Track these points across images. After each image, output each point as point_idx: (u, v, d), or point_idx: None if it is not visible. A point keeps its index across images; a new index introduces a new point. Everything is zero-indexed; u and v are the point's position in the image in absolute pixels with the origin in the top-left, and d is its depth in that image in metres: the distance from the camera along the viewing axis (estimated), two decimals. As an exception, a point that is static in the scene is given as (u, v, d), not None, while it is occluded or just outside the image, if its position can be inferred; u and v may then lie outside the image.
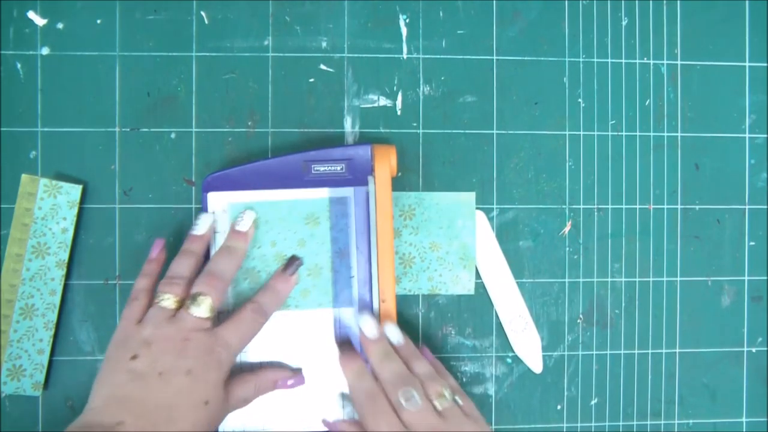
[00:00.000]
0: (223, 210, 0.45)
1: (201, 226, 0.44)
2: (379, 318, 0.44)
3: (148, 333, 0.39)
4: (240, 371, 0.43)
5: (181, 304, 0.41)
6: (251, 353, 0.45)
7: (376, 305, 0.44)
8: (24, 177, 0.46)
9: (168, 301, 0.40)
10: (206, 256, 0.45)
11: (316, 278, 0.46)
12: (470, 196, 0.49)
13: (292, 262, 0.44)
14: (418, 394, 0.39)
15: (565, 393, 0.49)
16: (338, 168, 0.46)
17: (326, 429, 0.45)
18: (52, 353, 0.46)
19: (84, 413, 0.37)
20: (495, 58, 0.49)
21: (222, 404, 0.40)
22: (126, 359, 0.38)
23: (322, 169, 0.46)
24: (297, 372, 0.45)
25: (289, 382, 0.44)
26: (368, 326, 0.43)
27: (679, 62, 0.50)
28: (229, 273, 0.42)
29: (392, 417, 0.38)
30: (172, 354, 0.38)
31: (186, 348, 0.39)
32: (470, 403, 0.41)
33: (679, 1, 0.50)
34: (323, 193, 0.46)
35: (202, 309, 0.40)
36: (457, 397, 0.40)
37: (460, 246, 0.48)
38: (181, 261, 0.42)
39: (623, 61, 0.50)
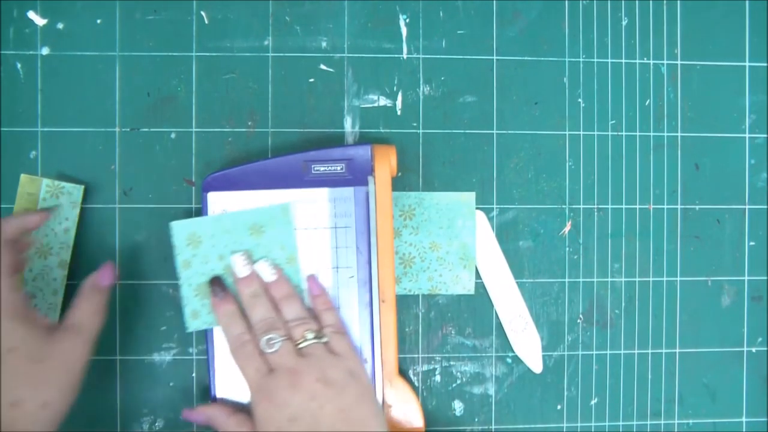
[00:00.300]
0: (223, 210, 0.45)
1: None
2: (379, 317, 0.44)
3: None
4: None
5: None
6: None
7: (376, 305, 0.44)
8: (23, 177, 0.46)
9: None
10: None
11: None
12: (470, 196, 0.49)
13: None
14: (282, 339, 0.41)
15: (565, 393, 0.49)
16: (338, 168, 0.46)
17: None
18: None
19: None
20: (495, 58, 0.49)
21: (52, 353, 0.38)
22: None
23: (322, 169, 0.46)
24: (104, 265, 0.43)
25: (103, 280, 0.42)
26: (238, 264, 0.43)
27: (679, 62, 0.50)
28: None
29: (258, 361, 0.41)
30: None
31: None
32: (342, 340, 0.42)
33: (679, 1, 0.50)
34: (323, 193, 0.46)
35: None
36: (325, 338, 0.42)
37: (460, 246, 0.48)
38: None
39: (623, 61, 0.50)
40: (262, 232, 0.45)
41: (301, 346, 0.41)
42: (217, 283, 0.44)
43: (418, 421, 0.45)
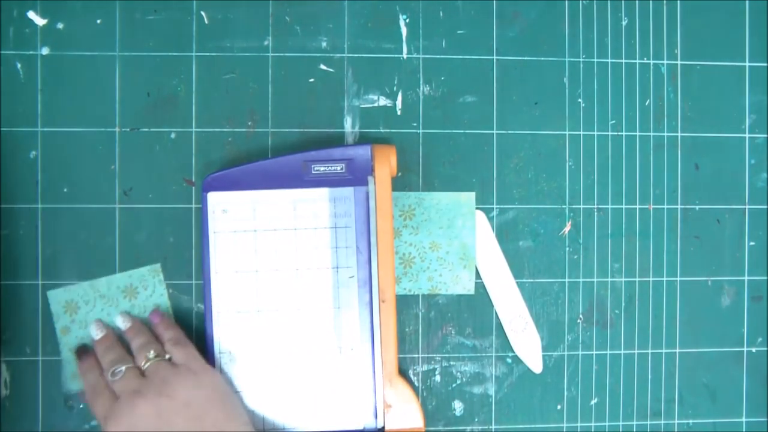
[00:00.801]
0: (223, 210, 0.45)
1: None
2: (379, 317, 0.44)
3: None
4: None
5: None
6: (252, 354, 0.45)
7: (376, 305, 0.44)
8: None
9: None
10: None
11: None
12: (470, 196, 0.49)
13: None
14: (126, 366, 0.41)
15: (565, 393, 0.49)
16: (338, 168, 0.46)
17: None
18: (54, 353, 0.46)
19: None
20: (495, 58, 0.49)
21: None
22: None
23: (322, 169, 0.46)
24: None
25: None
26: (94, 329, 0.45)
27: (679, 62, 0.50)
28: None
29: (104, 395, 0.41)
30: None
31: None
32: (182, 350, 0.42)
33: (679, 1, 0.50)
34: (323, 193, 0.46)
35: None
36: (167, 354, 0.42)
37: (460, 246, 0.48)
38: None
39: (623, 61, 0.50)
40: (136, 293, 0.46)
41: (144, 366, 0.41)
42: (81, 350, 0.45)
43: (418, 422, 0.45)
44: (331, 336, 0.46)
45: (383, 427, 0.45)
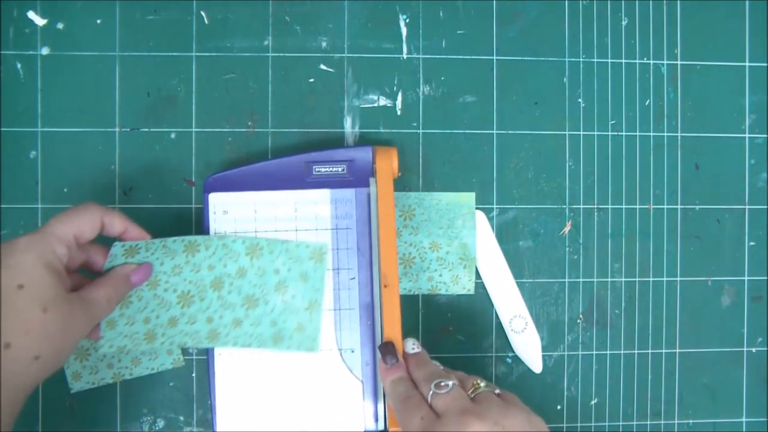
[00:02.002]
0: (223, 211, 0.45)
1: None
2: (381, 302, 0.44)
3: None
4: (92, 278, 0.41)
5: None
6: (252, 355, 0.45)
7: (377, 306, 0.44)
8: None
9: None
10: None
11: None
12: (470, 196, 0.49)
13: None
14: (453, 383, 0.37)
15: (565, 393, 0.49)
16: (339, 169, 0.46)
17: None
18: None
19: None
20: (495, 58, 0.49)
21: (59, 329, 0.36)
22: None
23: (323, 170, 0.46)
24: (142, 265, 0.42)
25: (137, 276, 0.41)
26: (408, 344, 0.42)
27: (679, 62, 0.50)
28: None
29: (424, 408, 0.37)
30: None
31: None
32: (513, 395, 0.39)
33: (679, 1, 0.50)
34: (324, 194, 0.46)
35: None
36: (497, 390, 0.38)
37: (460, 246, 0.48)
38: None
39: (623, 61, 0.50)
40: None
41: (473, 394, 0.37)
42: (388, 350, 0.41)
43: None
44: (332, 338, 0.46)
45: (385, 430, 0.44)
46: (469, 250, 0.48)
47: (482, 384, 0.38)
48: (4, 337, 0.33)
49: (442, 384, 0.37)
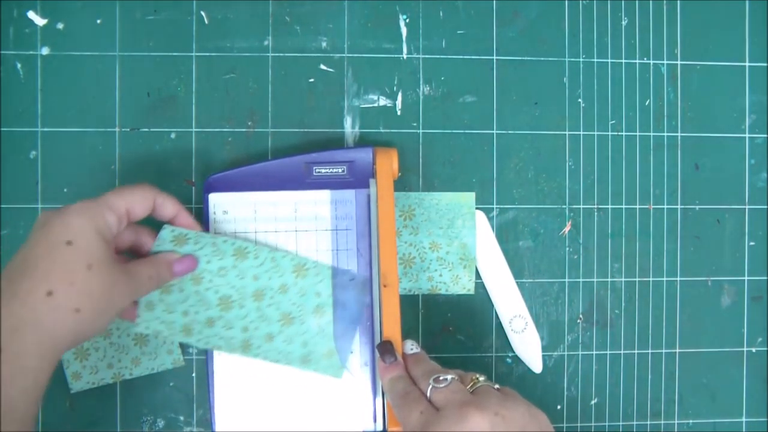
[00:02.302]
0: (223, 211, 0.45)
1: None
2: (380, 302, 0.44)
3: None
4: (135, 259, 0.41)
5: None
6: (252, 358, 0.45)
7: (377, 307, 0.44)
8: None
9: None
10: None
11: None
12: (470, 196, 0.49)
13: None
14: (452, 377, 0.37)
15: (565, 393, 0.49)
16: (339, 170, 0.46)
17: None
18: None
19: None
20: (495, 58, 0.49)
21: (100, 309, 0.36)
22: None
23: (323, 171, 0.46)
24: (186, 257, 0.42)
25: (181, 267, 0.42)
26: (407, 345, 0.42)
27: (679, 62, 0.50)
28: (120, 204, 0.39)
29: (423, 403, 0.36)
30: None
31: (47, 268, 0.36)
32: (512, 390, 0.38)
33: (679, 1, 0.50)
34: (324, 195, 0.46)
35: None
36: (497, 385, 0.38)
37: (460, 246, 0.48)
38: None
39: (623, 61, 0.50)
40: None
41: (472, 388, 0.37)
42: (386, 349, 0.41)
43: None
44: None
45: (384, 430, 0.44)
46: (469, 250, 0.48)
47: (481, 378, 0.38)
48: (48, 285, 0.34)
49: (441, 378, 0.37)
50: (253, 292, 0.44)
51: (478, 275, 0.49)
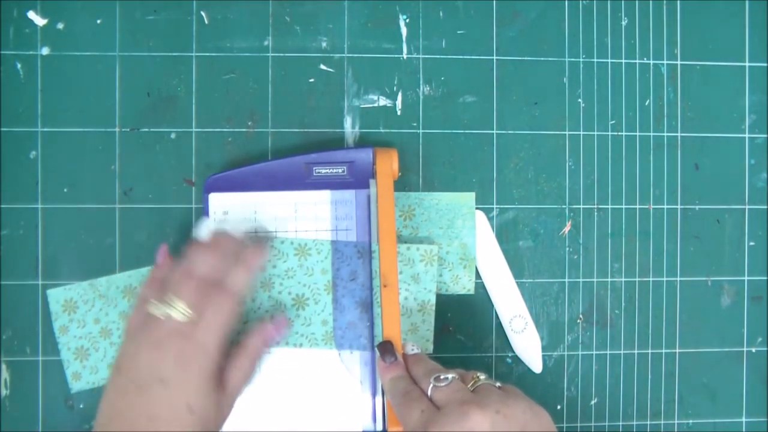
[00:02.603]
0: (223, 211, 0.45)
1: (202, 233, 0.44)
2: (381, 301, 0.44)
3: (129, 346, 0.39)
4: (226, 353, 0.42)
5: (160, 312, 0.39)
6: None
7: (377, 308, 0.44)
8: None
9: (153, 306, 0.39)
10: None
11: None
12: (470, 196, 0.49)
13: (261, 241, 0.44)
14: (452, 376, 0.37)
15: (565, 393, 0.49)
16: (340, 171, 0.46)
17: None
18: (54, 353, 0.46)
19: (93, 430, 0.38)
20: (495, 58, 0.49)
21: (212, 406, 0.39)
22: (115, 373, 0.38)
23: (323, 171, 0.46)
24: (274, 320, 0.43)
25: (273, 335, 0.43)
26: (408, 346, 0.42)
27: (679, 62, 0.50)
28: (210, 273, 0.40)
29: (424, 402, 0.37)
30: (147, 363, 0.37)
31: (160, 355, 0.37)
32: (513, 387, 0.38)
33: (679, 1, 0.50)
34: (324, 195, 0.46)
35: (175, 312, 0.38)
36: (498, 383, 0.38)
37: (460, 246, 0.48)
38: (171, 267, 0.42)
39: (623, 61, 0.50)
40: (135, 293, 0.46)
41: (473, 387, 0.37)
42: (386, 349, 0.41)
43: None
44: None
45: (384, 430, 0.44)
46: (469, 250, 0.48)
47: (482, 377, 0.38)
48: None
49: (442, 377, 0.37)
50: (324, 285, 0.45)
51: (478, 275, 0.49)
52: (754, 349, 0.51)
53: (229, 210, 0.45)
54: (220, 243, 0.42)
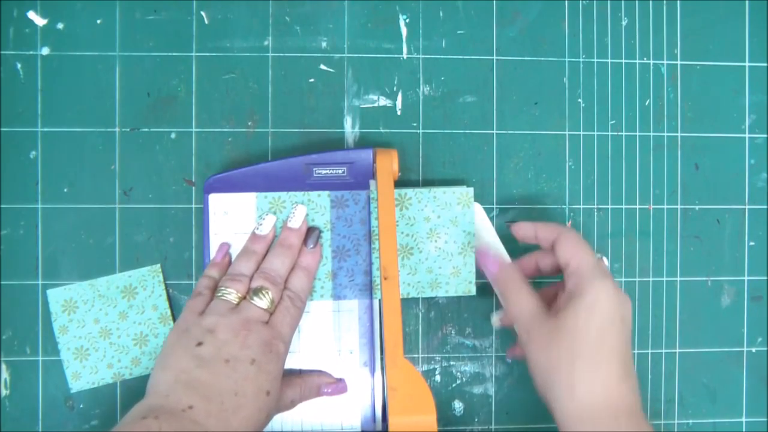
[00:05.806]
0: (224, 212, 0.45)
1: (265, 227, 0.44)
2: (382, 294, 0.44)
3: (212, 321, 0.39)
4: (286, 374, 0.43)
5: (242, 300, 0.41)
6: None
7: (376, 309, 0.44)
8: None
9: (231, 295, 0.41)
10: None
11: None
12: (468, 190, 0.48)
13: (310, 234, 0.45)
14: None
15: (565, 393, 0.49)
16: (340, 171, 0.46)
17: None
18: (54, 353, 0.46)
19: (149, 396, 0.37)
20: (495, 58, 0.49)
21: (278, 397, 0.41)
22: (191, 346, 0.38)
23: (323, 172, 0.46)
24: (339, 380, 0.45)
25: (330, 390, 0.45)
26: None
27: (679, 62, 0.50)
28: (284, 272, 0.43)
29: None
30: (236, 343, 0.39)
31: (248, 338, 0.39)
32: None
33: (679, 1, 0.50)
34: (324, 196, 0.46)
35: (264, 301, 0.41)
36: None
37: (459, 237, 0.48)
38: (243, 260, 0.43)
39: (623, 61, 0.50)
40: (135, 293, 0.46)
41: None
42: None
43: (428, 405, 0.40)
44: (331, 339, 0.46)
45: (383, 431, 0.44)
46: (468, 241, 0.48)
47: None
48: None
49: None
50: (364, 235, 0.46)
51: (478, 275, 0.49)
52: (754, 349, 0.51)
53: (229, 211, 0.45)
54: (285, 241, 0.44)
